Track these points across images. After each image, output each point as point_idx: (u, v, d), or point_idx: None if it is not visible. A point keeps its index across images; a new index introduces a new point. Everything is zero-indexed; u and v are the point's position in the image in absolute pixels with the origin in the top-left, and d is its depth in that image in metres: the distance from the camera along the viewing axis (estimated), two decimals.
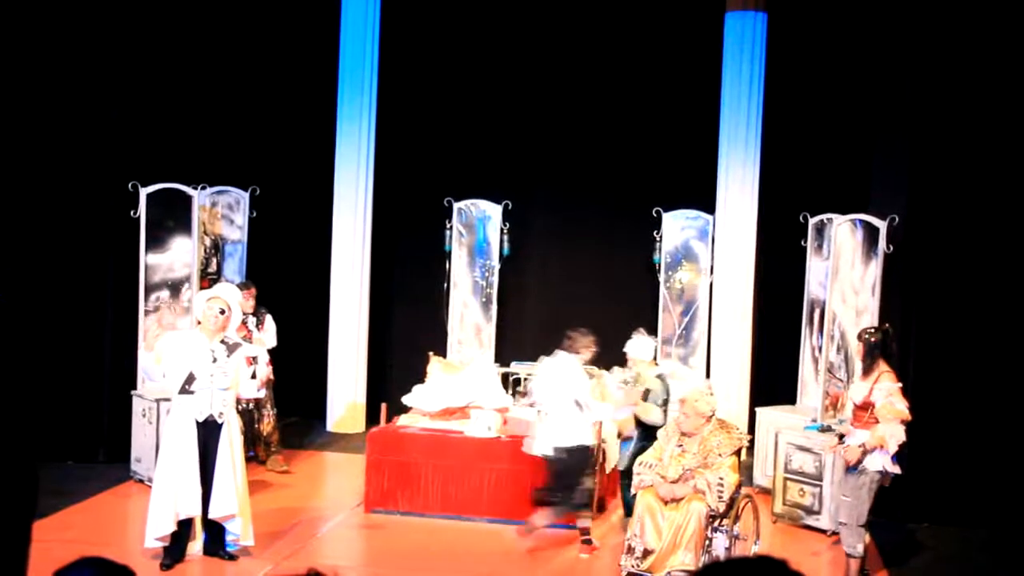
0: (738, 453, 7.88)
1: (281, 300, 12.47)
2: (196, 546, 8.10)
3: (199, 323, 8.10)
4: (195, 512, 7.91)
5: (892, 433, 7.83)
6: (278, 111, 12.51)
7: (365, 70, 12.24)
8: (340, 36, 12.27)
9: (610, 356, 11.15)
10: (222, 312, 7.98)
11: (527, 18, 12.56)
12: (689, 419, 7.89)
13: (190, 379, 7.84)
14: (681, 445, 7.91)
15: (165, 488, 7.81)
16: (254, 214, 11.39)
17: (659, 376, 9.31)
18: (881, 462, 7.92)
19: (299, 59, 12.54)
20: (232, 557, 8.09)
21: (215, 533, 8.07)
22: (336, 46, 12.28)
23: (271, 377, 9.23)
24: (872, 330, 8.43)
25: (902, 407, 7.90)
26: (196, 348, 7.93)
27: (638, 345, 9.38)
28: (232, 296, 8.26)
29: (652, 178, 12.33)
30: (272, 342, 10.59)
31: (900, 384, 8.06)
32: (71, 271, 10.53)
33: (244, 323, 10.47)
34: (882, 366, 8.08)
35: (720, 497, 7.59)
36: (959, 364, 9.73)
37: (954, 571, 9.02)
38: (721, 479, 7.61)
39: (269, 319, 10.70)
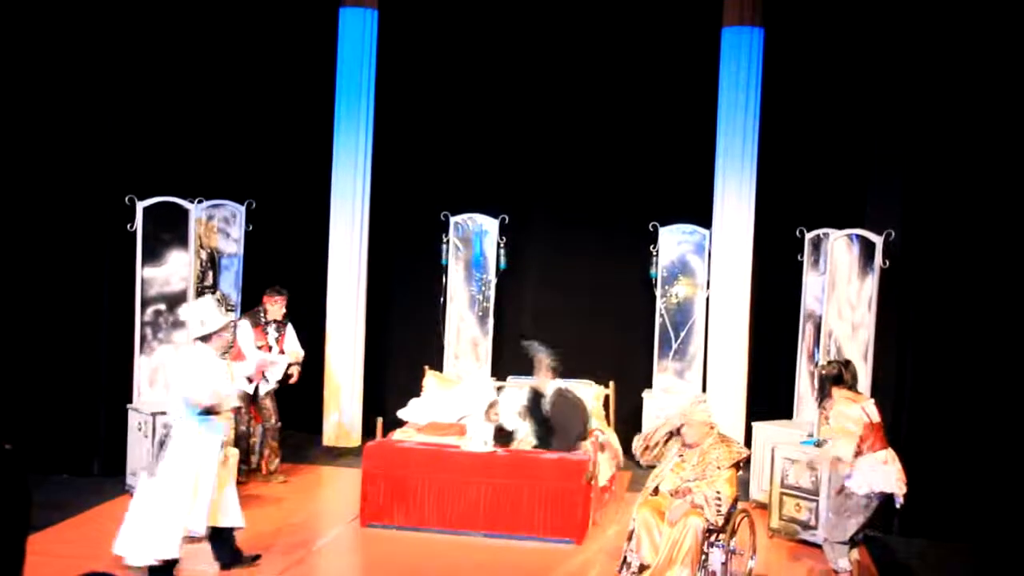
0: (737, 466, 7.86)
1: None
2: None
3: (202, 339, 7.89)
4: (202, 530, 7.85)
5: (836, 451, 7.96)
6: (275, 125, 12.53)
7: (362, 84, 12.26)
8: (337, 50, 12.29)
9: (605, 371, 11.20)
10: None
11: (523, 32, 12.59)
12: (692, 428, 7.89)
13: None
14: (681, 455, 7.90)
15: (177, 508, 7.65)
16: (250, 228, 11.39)
17: None
18: (841, 479, 8.09)
19: (296, 73, 12.56)
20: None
21: (223, 545, 8.12)
22: (333, 60, 12.30)
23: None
24: (827, 363, 8.61)
25: (839, 424, 8.03)
26: (216, 369, 7.86)
27: None
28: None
29: (649, 193, 12.35)
30: (300, 352, 10.73)
31: (860, 403, 8.12)
32: (67, 284, 10.52)
33: (264, 332, 10.48)
34: (836, 394, 8.19)
35: (718, 511, 7.57)
36: (956, 378, 9.73)
37: None
38: (718, 493, 7.60)
39: (290, 328, 10.75)
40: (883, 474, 7.98)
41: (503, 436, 9.78)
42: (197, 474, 7.73)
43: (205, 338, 7.87)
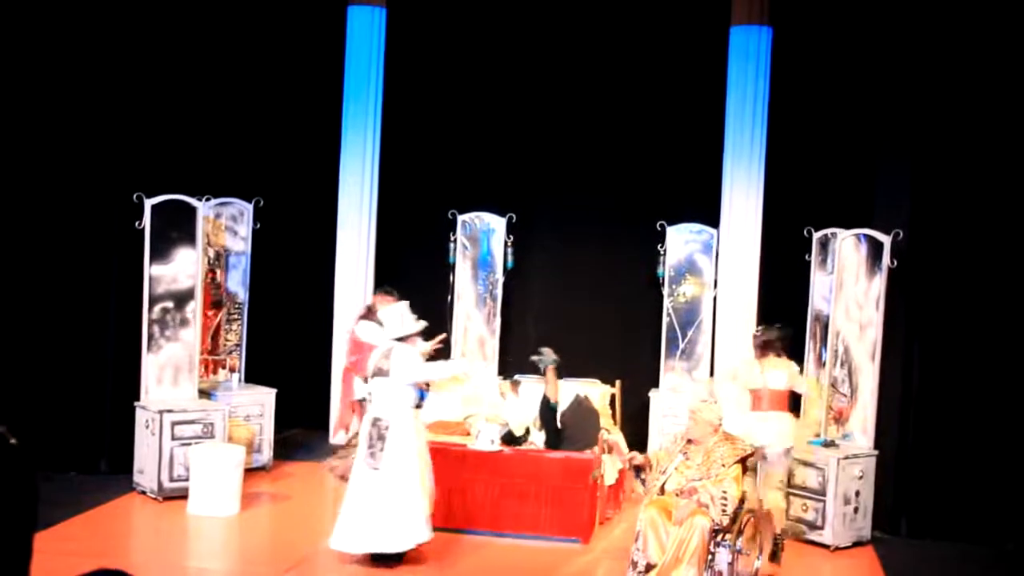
0: (743, 464, 7.84)
1: (284, 312, 12.49)
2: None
3: (399, 340, 8.53)
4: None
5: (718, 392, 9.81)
6: (282, 123, 12.53)
7: (370, 82, 12.26)
8: (345, 48, 12.29)
9: (613, 368, 11.18)
10: None
11: (532, 31, 12.59)
12: (698, 425, 7.88)
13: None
14: (685, 453, 7.89)
15: (420, 493, 8.30)
16: (258, 225, 11.39)
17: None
18: None
19: (304, 71, 12.56)
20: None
21: None
22: (341, 58, 12.30)
23: None
24: (764, 328, 9.81)
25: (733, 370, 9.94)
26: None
27: None
28: None
29: (656, 192, 12.34)
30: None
31: (771, 369, 9.46)
32: (75, 282, 10.53)
33: None
34: (767, 355, 9.50)
35: (724, 511, 7.56)
36: (963, 378, 9.71)
37: None
38: (724, 492, 7.58)
39: None
40: (762, 430, 9.10)
41: (511, 440, 9.82)
42: (425, 459, 8.40)
43: (402, 339, 8.51)
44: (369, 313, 10.46)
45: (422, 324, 8.67)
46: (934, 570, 9.08)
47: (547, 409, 9.76)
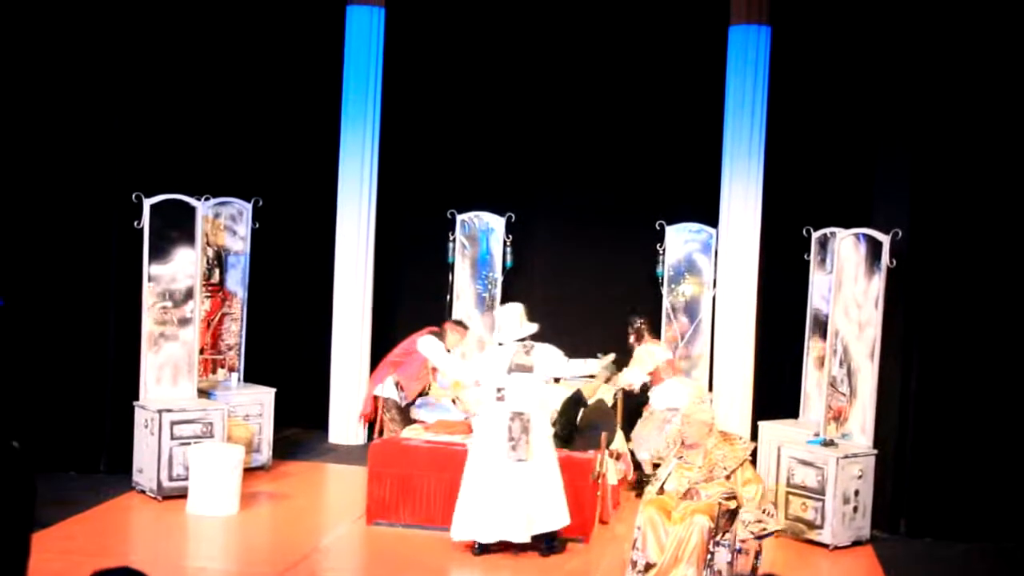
0: (752, 463, 7.85)
1: (283, 311, 12.48)
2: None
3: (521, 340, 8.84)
4: None
5: (627, 377, 10.80)
6: (282, 122, 12.53)
7: (369, 82, 12.26)
8: (344, 48, 12.29)
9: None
10: None
11: (531, 30, 12.59)
12: (692, 428, 7.87)
13: None
14: (681, 456, 7.89)
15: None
16: (257, 225, 11.39)
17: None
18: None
19: (303, 70, 12.56)
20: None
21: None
22: (340, 57, 12.30)
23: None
24: (641, 318, 11.19)
25: (641, 357, 10.94)
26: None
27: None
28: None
29: (655, 191, 12.34)
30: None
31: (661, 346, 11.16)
32: (74, 281, 10.52)
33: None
34: (648, 340, 11.05)
35: (758, 532, 7.57)
36: (962, 378, 9.71)
37: None
38: (764, 511, 7.61)
39: None
40: (676, 394, 10.41)
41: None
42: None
43: (523, 339, 8.81)
44: (439, 334, 10.53)
45: (535, 327, 8.86)
46: (933, 569, 9.08)
47: (575, 404, 9.85)
